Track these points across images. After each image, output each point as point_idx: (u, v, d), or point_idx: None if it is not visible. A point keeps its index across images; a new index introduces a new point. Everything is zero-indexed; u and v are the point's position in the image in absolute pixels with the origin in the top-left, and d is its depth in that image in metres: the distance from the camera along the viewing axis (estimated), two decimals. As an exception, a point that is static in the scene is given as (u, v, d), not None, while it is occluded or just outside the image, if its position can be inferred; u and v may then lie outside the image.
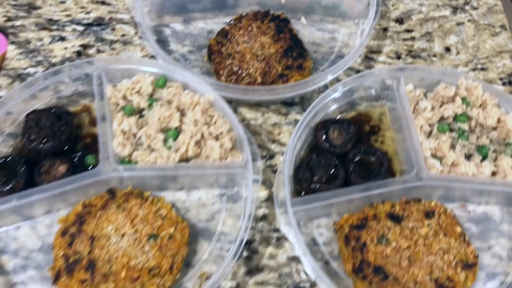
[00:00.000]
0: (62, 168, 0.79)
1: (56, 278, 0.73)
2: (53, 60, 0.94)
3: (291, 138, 0.80)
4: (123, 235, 0.74)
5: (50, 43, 0.97)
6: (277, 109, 0.92)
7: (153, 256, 0.73)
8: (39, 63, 0.94)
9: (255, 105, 0.91)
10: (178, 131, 0.82)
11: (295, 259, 0.78)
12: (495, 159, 0.83)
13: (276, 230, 0.80)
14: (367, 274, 0.73)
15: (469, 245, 0.76)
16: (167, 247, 0.74)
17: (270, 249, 0.79)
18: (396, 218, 0.77)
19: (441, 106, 0.86)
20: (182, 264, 0.74)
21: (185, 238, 0.76)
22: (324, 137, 0.84)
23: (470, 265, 0.74)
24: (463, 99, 0.86)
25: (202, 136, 0.81)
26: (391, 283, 0.72)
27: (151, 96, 0.85)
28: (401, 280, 0.72)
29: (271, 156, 0.87)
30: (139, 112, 0.85)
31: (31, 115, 0.82)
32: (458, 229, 0.77)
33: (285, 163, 0.78)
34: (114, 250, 0.73)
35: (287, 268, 0.77)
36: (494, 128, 0.84)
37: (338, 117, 0.89)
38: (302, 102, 0.92)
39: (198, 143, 0.81)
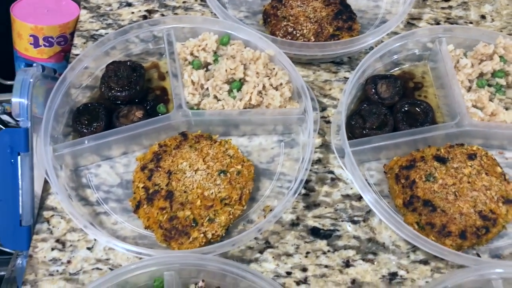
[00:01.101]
0: (139, 113, 0.88)
1: (137, 207, 0.82)
2: (122, 23, 1.04)
3: (345, 88, 0.88)
4: (196, 170, 0.83)
5: (118, 8, 1.07)
6: (327, 67, 1.00)
7: (224, 188, 0.81)
8: (109, 25, 1.04)
9: (307, 64, 1.00)
10: (241, 83, 0.90)
11: (348, 197, 0.86)
12: (531, 111, 0.90)
13: (331, 172, 0.88)
14: (417, 207, 0.81)
15: (509, 183, 0.83)
16: (236, 181, 0.82)
17: (325, 188, 0.87)
18: (441, 160, 0.85)
19: (480, 63, 0.94)
20: (249, 197, 0.83)
21: (251, 174, 0.84)
22: (373, 90, 0.92)
23: (510, 201, 0.81)
24: (501, 57, 0.93)
25: (264, 87, 0.89)
26: (439, 214, 0.80)
27: (215, 53, 0.94)
28: (448, 212, 0.80)
29: (323, 108, 0.95)
30: (206, 66, 0.93)
31: (110, 66, 0.91)
32: (499, 169, 0.84)
33: (342, 104, 0.86)
34: (189, 182, 0.82)
35: (342, 204, 0.85)
36: (530, 83, 0.92)
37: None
38: (350, 62, 1.00)
39: (260, 93, 0.89)
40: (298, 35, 0.97)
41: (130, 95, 0.90)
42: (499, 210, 0.80)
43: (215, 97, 0.90)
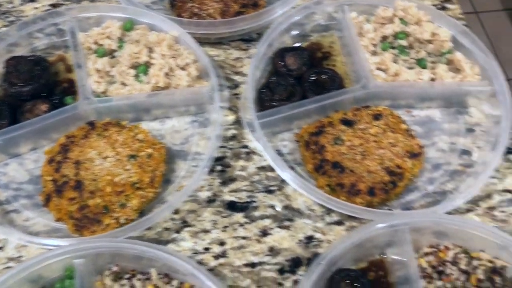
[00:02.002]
0: (43, 107, 0.86)
1: (47, 201, 0.80)
2: (26, 20, 1.01)
3: (251, 64, 0.89)
4: (105, 158, 0.82)
5: (21, 4, 1.04)
6: (237, 45, 1.00)
7: (134, 173, 0.81)
8: (12, 22, 1.01)
9: (217, 43, 1.00)
10: (147, 66, 0.90)
11: (263, 169, 0.87)
12: (433, 68, 0.93)
13: (245, 146, 0.89)
14: (327, 170, 0.83)
15: (414, 138, 0.86)
16: (146, 164, 0.82)
17: (241, 162, 0.87)
18: (348, 123, 0.87)
19: (382, 27, 0.96)
20: (161, 179, 0.82)
21: (163, 155, 0.83)
22: (281, 63, 0.93)
23: (416, 154, 0.84)
24: (401, 19, 0.96)
25: (171, 68, 0.89)
26: (348, 175, 0.82)
27: (120, 39, 0.93)
28: (356, 171, 0.82)
29: (236, 85, 0.96)
30: (111, 53, 0.92)
31: (10, 61, 0.88)
32: (404, 126, 0.87)
33: (248, 78, 0.87)
34: (98, 170, 0.81)
35: (257, 176, 0.86)
36: (430, 42, 0.95)
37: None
38: (260, 38, 1.01)
39: (167, 75, 0.89)
40: (204, 15, 0.97)
41: (34, 89, 0.87)
42: (405, 164, 0.83)
43: (123, 83, 0.89)
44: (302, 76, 0.92)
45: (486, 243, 0.75)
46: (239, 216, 0.82)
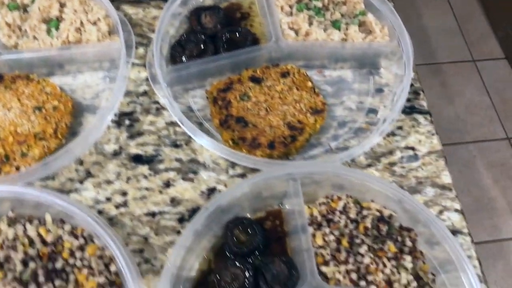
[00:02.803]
0: (-50, 59, 0.86)
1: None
2: None
3: (159, 20, 0.90)
4: (10, 109, 0.82)
5: None
6: (157, 4, 1.01)
7: (38, 124, 0.82)
8: None
9: (136, 2, 1.00)
10: (59, 21, 0.90)
11: (172, 124, 0.88)
12: (346, 29, 0.95)
13: (156, 102, 0.90)
14: (231, 125, 0.84)
15: (318, 95, 0.88)
16: (52, 116, 0.83)
17: (150, 117, 0.88)
18: (256, 80, 0.88)
19: (298, -12, 0.98)
20: (66, 131, 0.83)
21: (69, 108, 0.84)
22: (196, 21, 0.94)
23: (318, 111, 0.86)
24: (312, -20, 0.98)
25: (82, 23, 0.89)
26: (250, 129, 0.84)
27: (33, -5, 0.93)
28: (259, 126, 0.84)
29: (151, 43, 0.97)
30: (24, 8, 0.92)
31: None
32: (309, 84, 0.89)
33: (155, 40, 0.88)
34: (1, 121, 0.81)
35: (165, 131, 0.88)
36: (344, 3, 0.97)
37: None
38: (180, -2, 1.02)
39: (78, 30, 0.89)
40: (122, -27, 0.98)
41: None
42: (307, 120, 0.85)
43: (34, 37, 0.89)
44: (216, 34, 0.94)
45: (378, 194, 0.78)
46: (143, 169, 0.84)
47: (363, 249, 0.73)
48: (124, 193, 0.81)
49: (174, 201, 0.81)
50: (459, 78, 2.25)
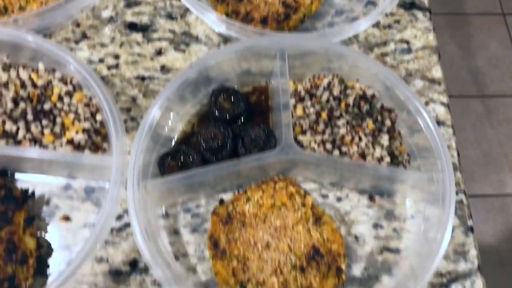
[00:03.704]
0: None
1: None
2: None
3: None
4: (11, -36, 0.84)
5: None
6: None
7: (37, -19, 0.83)
8: None
9: None
10: None
11: None
12: None
13: None
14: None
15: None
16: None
17: (148, -11, 0.90)
18: None
19: None
20: None
21: (68, -31, 0.86)
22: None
23: None
24: None
25: None
26: (245, 3, 0.84)
27: None
28: (253, 1, 0.84)
29: None
30: None
31: None
32: (309, -34, 0.88)
33: None
34: (2, -25, 0.83)
35: (162, 3, 0.88)
36: None
37: None
38: None
39: None
40: None
41: None
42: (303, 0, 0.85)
43: None
44: None
45: (365, 75, 0.79)
46: (137, 36, 0.85)
47: (341, 122, 0.75)
48: (116, 56, 0.83)
49: (164, 69, 0.83)
50: (484, 30, 2.17)
